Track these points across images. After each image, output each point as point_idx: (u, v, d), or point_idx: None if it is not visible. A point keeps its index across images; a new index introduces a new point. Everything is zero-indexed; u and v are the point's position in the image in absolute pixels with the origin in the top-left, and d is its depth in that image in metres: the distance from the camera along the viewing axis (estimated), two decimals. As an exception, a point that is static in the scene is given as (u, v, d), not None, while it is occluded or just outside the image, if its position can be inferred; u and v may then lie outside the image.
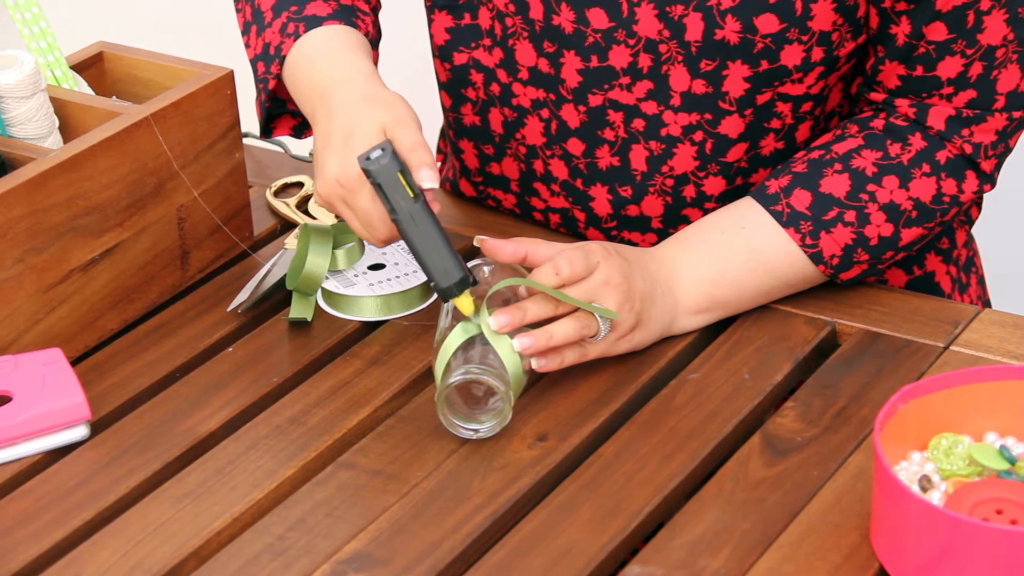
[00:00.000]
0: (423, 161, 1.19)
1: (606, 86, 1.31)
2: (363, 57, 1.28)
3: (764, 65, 1.27)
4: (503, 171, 1.40)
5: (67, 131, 1.36)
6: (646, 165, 1.33)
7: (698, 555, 1.10)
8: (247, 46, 1.36)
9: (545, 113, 1.35)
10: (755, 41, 1.26)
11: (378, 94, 1.24)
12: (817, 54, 1.27)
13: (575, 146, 1.35)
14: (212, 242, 1.40)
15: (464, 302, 1.19)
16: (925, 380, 1.11)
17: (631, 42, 1.28)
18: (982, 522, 1.02)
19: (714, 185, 1.34)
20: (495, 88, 1.36)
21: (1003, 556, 1.01)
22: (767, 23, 1.25)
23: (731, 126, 1.30)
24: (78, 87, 1.40)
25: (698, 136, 1.31)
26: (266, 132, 1.40)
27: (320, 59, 1.28)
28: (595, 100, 1.32)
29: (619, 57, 1.29)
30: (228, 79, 1.38)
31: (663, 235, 1.36)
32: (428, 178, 1.19)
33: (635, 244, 1.38)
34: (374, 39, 1.35)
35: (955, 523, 1.01)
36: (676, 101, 1.30)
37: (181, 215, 1.36)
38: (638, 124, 1.32)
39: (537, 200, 1.40)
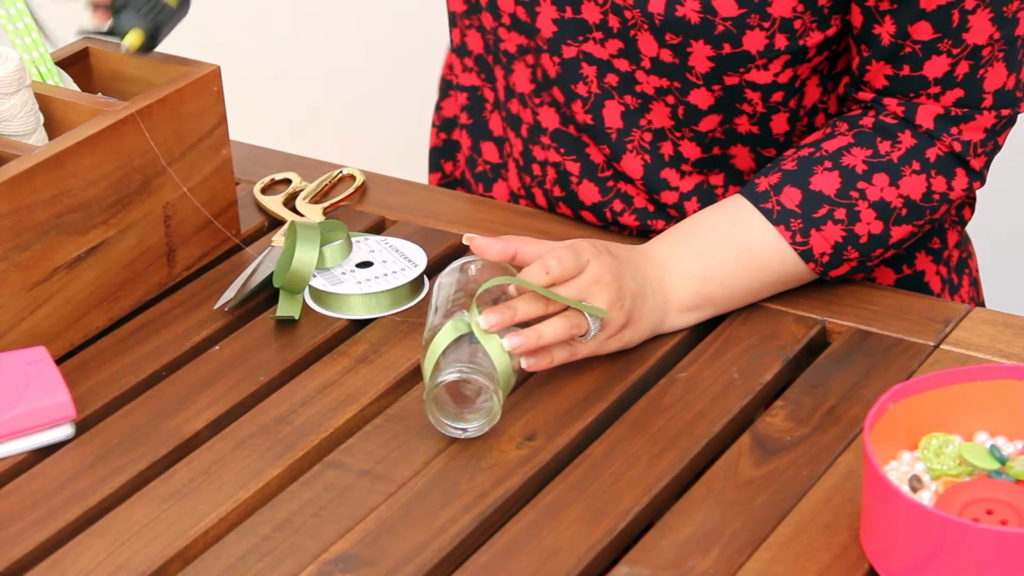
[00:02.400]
0: None
1: (580, 38, 1.31)
2: None
3: (727, 48, 1.27)
4: (520, 112, 1.40)
5: (52, 128, 1.35)
6: (622, 121, 1.33)
7: (687, 555, 1.09)
8: None
9: (530, 59, 1.35)
10: (715, 23, 1.26)
11: None
12: (781, 41, 1.27)
13: (558, 94, 1.35)
14: (199, 239, 1.39)
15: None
16: (915, 379, 1.11)
17: (600, 1, 1.29)
18: (972, 522, 1.02)
19: (690, 149, 1.33)
20: (489, 38, 1.37)
21: (993, 556, 1.00)
22: (726, 6, 1.25)
23: (700, 98, 1.30)
24: (63, 83, 1.39)
25: (671, 99, 1.31)
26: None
27: None
28: (569, 52, 1.32)
29: (591, 12, 1.30)
30: (215, 76, 1.37)
31: (651, 189, 1.35)
32: None
33: (631, 197, 1.37)
34: None
35: (945, 523, 1.01)
36: (647, 64, 1.30)
37: (167, 212, 1.36)
38: (612, 79, 1.32)
39: (539, 150, 1.40)
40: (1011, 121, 1.30)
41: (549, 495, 1.15)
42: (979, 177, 1.31)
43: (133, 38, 1.30)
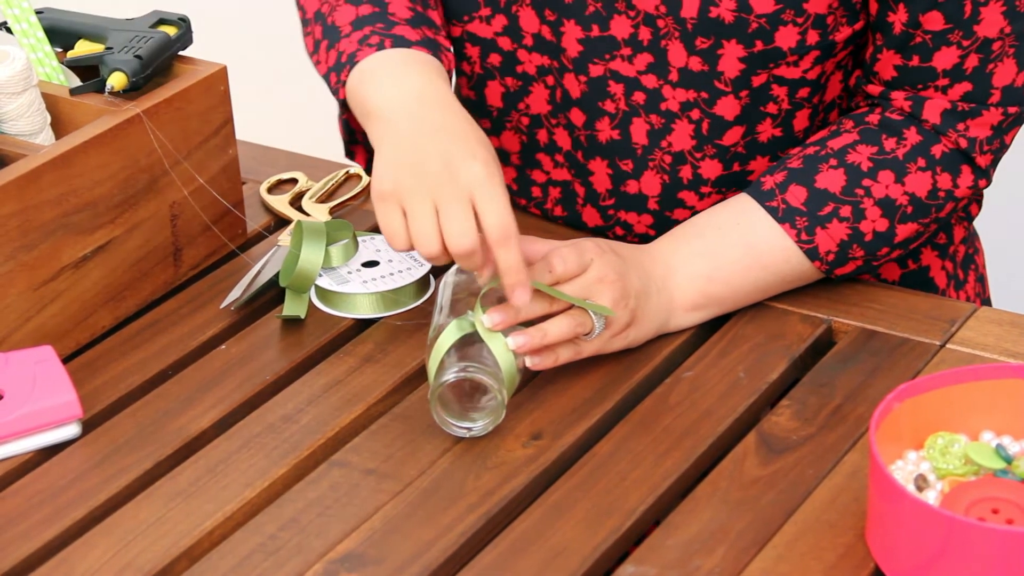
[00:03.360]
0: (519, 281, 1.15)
1: (607, 56, 1.31)
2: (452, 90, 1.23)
3: (759, 46, 1.27)
4: (502, 144, 1.40)
5: (58, 127, 1.36)
6: (647, 139, 1.33)
7: (692, 554, 1.09)
8: (317, 63, 1.30)
9: (550, 80, 1.35)
10: (750, 21, 1.26)
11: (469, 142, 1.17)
12: (812, 37, 1.27)
13: (577, 117, 1.35)
14: (205, 239, 1.39)
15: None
16: (921, 379, 1.11)
17: (631, 14, 1.28)
18: (978, 522, 1.02)
19: (710, 168, 1.33)
20: (495, 59, 1.36)
21: (998, 556, 1.00)
22: (762, 3, 1.25)
23: (727, 107, 1.30)
24: (69, 83, 1.40)
25: (695, 114, 1.31)
26: (348, 153, 1.36)
27: (414, 69, 1.22)
28: (596, 70, 1.32)
29: (620, 28, 1.29)
30: (221, 75, 1.37)
31: (659, 217, 1.36)
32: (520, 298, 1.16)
33: (631, 226, 1.37)
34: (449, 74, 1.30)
35: (950, 523, 1.01)
36: (674, 76, 1.30)
37: (174, 212, 1.36)
38: (639, 97, 1.32)
39: (539, 173, 1.39)
40: (1019, 120, 1.30)
41: (555, 494, 1.15)
42: (985, 175, 1.31)
43: (115, 81, 1.32)
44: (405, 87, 1.21)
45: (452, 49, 1.34)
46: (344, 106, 1.28)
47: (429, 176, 1.15)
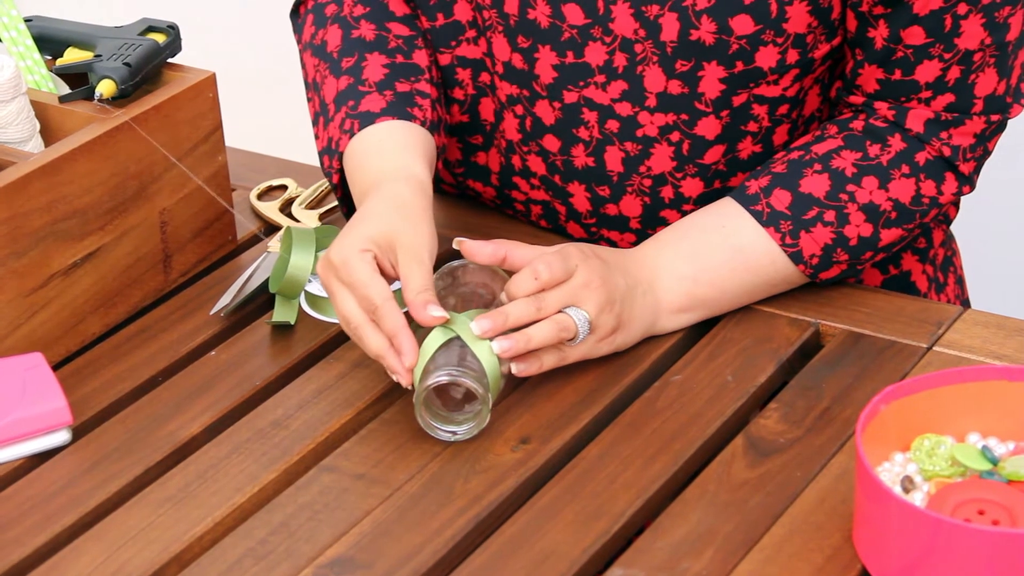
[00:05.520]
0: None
1: (581, 83, 1.31)
2: (414, 157, 1.27)
3: (739, 66, 1.27)
4: (488, 162, 1.40)
5: (48, 135, 1.36)
6: (623, 166, 1.34)
7: (681, 557, 1.10)
8: (316, 137, 1.35)
9: (519, 109, 1.35)
10: (730, 42, 1.26)
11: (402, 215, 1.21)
12: (792, 56, 1.28)
13: (551, 143, 1.35)
14: (194, 245, 1.39)
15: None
16: (908, 381, 1.11)
17: (607, 40, 1.29)
18: (964, 523, 1.02)
19: (692, 187, 1.34)
20: (485, 77, 1.36)
21: (985, 557, 1.01)
22: (742, 24, 1.25)
23: (707, 127, 1.31)
24: (58, 90, 1.40)
25: (675, 136, 1.31)
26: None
27: (371, 159, 1.28)
28: (570, 97, 1.32)
29: (595, 54, 1.30)
30: (210, 82, 1.37)
31: (642, 235, 1.36)
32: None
33: (614, 243, 1.38)
34: (433, 122, 1.32)
35: (937, 524, 1.01)
36: (652, 102, 1.30)
37: (163, 218, 1.36)
38: (612, 125, 1.32)
39: (517, 193, 1.40)
40: (1001, 127, 1.31)
41: (543, 498, 1.15)
42: (968, 182, 1.32)
43: (104, 88, 1.32)
44: (361, 182, 1.27)
45: (434, 87, 1.34)
46: (335, 187, 1.33)
47: (331, 263, 1.21)
